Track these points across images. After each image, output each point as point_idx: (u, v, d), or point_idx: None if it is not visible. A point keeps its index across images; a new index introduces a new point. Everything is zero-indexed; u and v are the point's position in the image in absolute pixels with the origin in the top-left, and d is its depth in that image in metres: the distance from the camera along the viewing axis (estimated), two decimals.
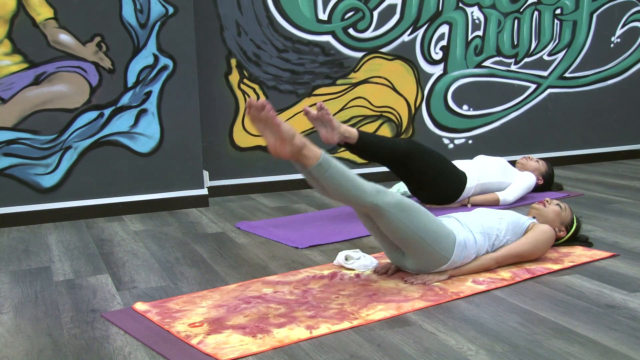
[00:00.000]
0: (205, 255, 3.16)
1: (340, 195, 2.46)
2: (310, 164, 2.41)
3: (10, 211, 3.83)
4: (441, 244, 2.57)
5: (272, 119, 2.39)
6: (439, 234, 2.56)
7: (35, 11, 3.76)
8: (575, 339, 2.09)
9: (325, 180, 2.43)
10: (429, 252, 2.57)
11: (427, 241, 2.54)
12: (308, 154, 2.41)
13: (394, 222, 2.49)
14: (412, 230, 2.51)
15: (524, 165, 4.30)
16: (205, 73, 4.40)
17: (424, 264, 2.62)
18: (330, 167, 2.41)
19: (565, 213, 3.01)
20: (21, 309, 2.50)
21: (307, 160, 2.42)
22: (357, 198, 2.45)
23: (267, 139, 2.43)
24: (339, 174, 2.43)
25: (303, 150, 2.41)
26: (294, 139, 2.40)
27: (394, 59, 4.87)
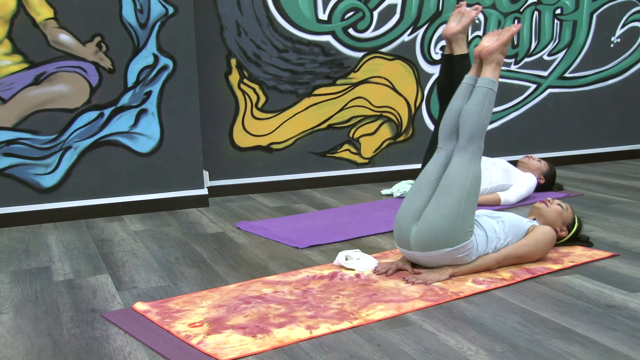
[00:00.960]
0: (205, 255, 3.16)
1: (475, 112, 2.69)
2: (490, 76, 2.75)
3: (10, 211, 3.83)
4: (464, 224, 2.61)
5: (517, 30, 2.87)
6: (470, 216, 2.64)
7: (35, 11, 3.76)
8: (575, 339, 2.09)
9: (481, 93, 2.71)
10: (451, 222, 2.59)
11: (462, 209, 2.60)
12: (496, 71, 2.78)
13: (465, 172, 2.64)
14: (464, 190, 2.62)
15: (526, 164, 4.30)
16: (205, 73, 4.40)
17: (433, 233, 2.60)
18: (495, 93, 2.73)
19: (566, 213, 3.02)
20: (21, 309, 2.50)
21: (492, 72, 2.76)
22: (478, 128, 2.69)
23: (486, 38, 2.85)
24: (491, 102, 2.72)
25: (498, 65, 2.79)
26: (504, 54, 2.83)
27: (394, 59, 4.87)
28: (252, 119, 4.59)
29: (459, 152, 2.71)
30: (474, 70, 2.85)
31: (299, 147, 4.72)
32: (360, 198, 4.39)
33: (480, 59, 2.82)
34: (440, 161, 2.76)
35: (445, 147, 2.77)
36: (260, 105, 4.59)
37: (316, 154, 4.77)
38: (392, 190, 4.41)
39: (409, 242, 2.67)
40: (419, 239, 2.64)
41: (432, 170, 2.75)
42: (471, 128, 2.69)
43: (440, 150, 2.79)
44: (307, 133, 4.72)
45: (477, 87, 2.76)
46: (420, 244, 2.64)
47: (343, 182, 4.82)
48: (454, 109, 2.78)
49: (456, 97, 2.81)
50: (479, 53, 2.81)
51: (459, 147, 2.71)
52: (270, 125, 4.64)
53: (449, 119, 2.78)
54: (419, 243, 2.64)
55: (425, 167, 2.79)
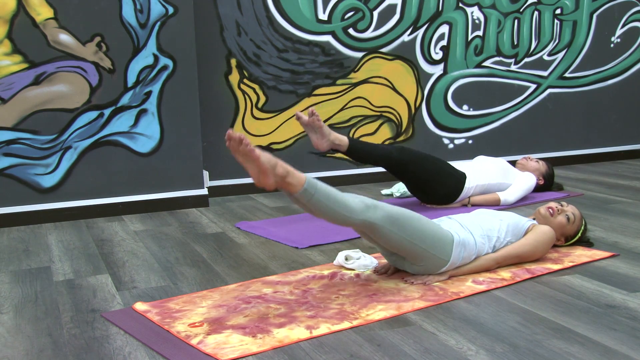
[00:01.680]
0: (205, 255, 3.16)
1: (329, 217, 2.46)
2: (296, 190, 2.38)
3: (10, 211, 3.83)
4: (439, 248, 2.58)
5: (251, 152, 2.36)
6: (435, 238, 2.57)
7: (35, 11, 3.76)
8: (575, 339, 2.09)
9: (312, 205, 2.41)
10: (428, 257, 2.58)
11: (424, 247, 2.55)
12: (292, 181, 2.37)
13: (389, 235, 2.50)
14: (408, 240, 2.52)
15: (524, 165, 4.30)
16: (205, 73, 4.40)
17: (424, 268, 2.62)
18: (317, 191, 2.40)
19: (570, 227, 2.97)
20: (21, 309, 2.50)
21: (292, 187, 2.38)
22: (347, 218, 2.45)
23: (250, 171, 2.41)
24: (325, 198, 2.42)
25: (287, 178, 2.37)
26: (275, 169, 2.36)
27: (394, 59, 4.87)
28: (252, 119, 4.59)
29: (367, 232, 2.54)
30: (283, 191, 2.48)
31: (299, 147, 4.72)
32: None
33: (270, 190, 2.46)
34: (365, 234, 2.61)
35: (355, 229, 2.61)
36: (260, 105, 4.59)
37: (316, 154, 4.77)
38: (392, 190, 4.41)
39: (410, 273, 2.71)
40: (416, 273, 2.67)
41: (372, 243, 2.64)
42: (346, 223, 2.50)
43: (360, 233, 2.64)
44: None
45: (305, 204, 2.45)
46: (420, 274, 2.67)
47: (343, 182, 4.81)
48: None
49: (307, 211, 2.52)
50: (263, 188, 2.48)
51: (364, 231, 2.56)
52: (270, 125, 4.64)
53: None
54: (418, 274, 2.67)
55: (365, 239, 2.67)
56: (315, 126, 3.56)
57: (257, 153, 2.35)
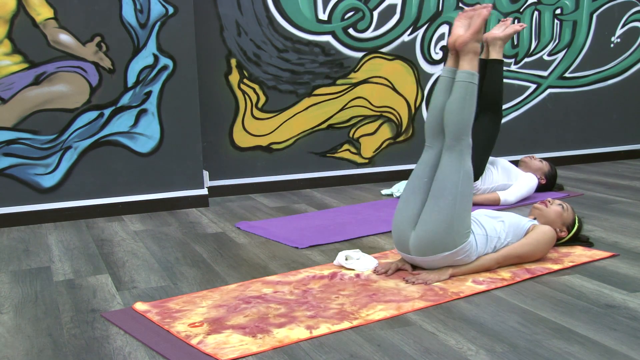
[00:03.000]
0: (205, 255, 3.16)
1: (457, 109, 2.61)
2: (468, 68, 2.63)
3: (10, 211, 3.83)
4: (461, 227, 2.59)
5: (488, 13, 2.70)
6: (466, 218, 2.62)
7: (35, 11, 3.76)
8: (575, 339, 2.09)
9: (461, 88, 2.62)
10: (447, 226, 2.57)
11: (456, 211, 2.58)
12: (474, 61, 2.65)
13: (456, 171, 2.59)
14: (457, 192, 2.58)
15: (528, 164, 4.31)
16: (205, 73, 4.40)
17: (430, 239, 2.59)
18: (476, 85, 2.63)
19: (567, 214, 3.01)
20: (21, 309, 2.50)
21: (469, 64, 2.64)
22: (463, 124, 2.62)
23: (456, 30, 2.71)
24: (472, 95, 2.63)
25: (475, 55, 2.65)
26: (479, 42, 2.68)
27: (394, 59, 4.87)
28: (252, 119, 4.59)
29: (446, 151, 2.65)
30: (450, 62, 2.74)
31: (299, 147, 4.72)
32: (360, 198, 4.39)
33: (455, 50, 2.70)
34: (429, 161, 2.71)
35: (433, 145, 2.72)
36: (260, 105, 4.59)
37: (316, 154, 4.77)
38: (392, 190, 4.41)
39: (409, 248, 2.67)
40: (417, 245, 2.64)
41: (422, 172, 2.70)
42: (456, 126, 2.63)
43: (429, 149, 2.73)
44: (307, 133, 4.72)
45: (457, 82, 2.65)
46: (420, 250, 2.64)
47: (343, 182, 4.82)
48: (437, 107, 2.70)
49: (437, 93, 2.72)
50: (453, 44, 2.68)
51: (447, 147, 2.65)
52: (270, 125, 4.64)
53: (432, 117, 2.71)
54: (418, 249, 2.64)
55: (415, 169, 2.75)
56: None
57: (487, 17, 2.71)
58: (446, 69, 2.73)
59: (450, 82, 2.70)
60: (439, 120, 2.68)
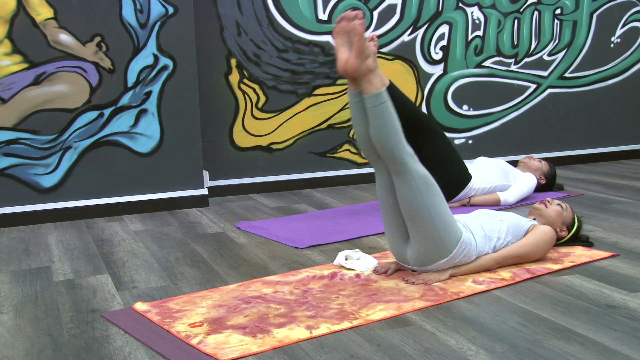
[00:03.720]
0: (205, 255, 3.16)
1: (380, 135, 2.45)
2: (371, 91, 2.43)
3: (10, 211, 3.83)
4: (448, 234, 2.56)
5: (360, 27, 2.41)
6: (449, 223, 2.56)
7: (35, 11, 3.76)
8: (575, 339, 2.09)
9: (374, 113, 2.43)
10: (435, 238, 2.55)
11: (436, 225, 2.52)
12: (374, 80, 2.43)
13: (414, 190, 2.48)
14: (427, 208, 2.49)
15: (527, 164, 4.30)
16: (205, 73, 4.40)
17: (425, 252, 2.59)
18: (387, 102, 2.43)
19: (566, 213, 3.01)
20: (21, 309, 2.50)
21: (369, 85, 2.44)
22: (395, 147, 2.45)
23: (341, 54, 2.45)
24: (389, 114, 2.43)
25: (371, 73, 2.43)
26: (368, 58, 2.42)
27: (394, 59, 4.87)
28: (252, 119, 4.59)
29: (393, 175, 2.53)
30: (352, 86, 2.53)
31: (299, 147, 4.72)
32: (360, 198, 4.39)
33: (350, 77, 2.49)
34: (384, 184, 2.60)
35: (379, 169, 2.61)
36: (260, 105, 4.59)
37: (316, 154, 4.77)
38: None
39: (407, 261, 2.69)
40: (414, 259, 2.65)
41: (384, 195, 2.62)
42: (389, 151, 2.47)
43: (377, 174, 2.62)
44: (307, 133, 4.72)
45: (368, 109, 2.47)
46: (417, 262, 2.66)
47: (343, 182, 4.82)
48: (362, 136, 2.55)
49: (355, 122, 2.55)
50: (345, 72, 2.46)
51: (391, 171, 2.54)
52: (270, 125, 4.64)
53: (363, 146, 2.58)
54: (416, 262, 2.66)
55: (377, 193, 2.65)
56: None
57: (363, 32, 2.42)
58: (351, 94, 2.54)
59: (361, 106, 2.52)
60: (372, 150, 2.56)
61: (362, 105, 2.51)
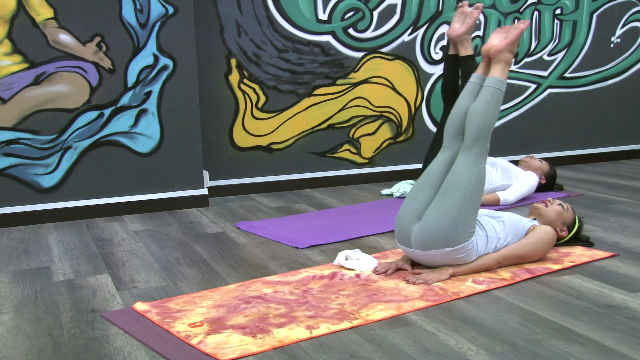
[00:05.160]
0: (205, 255, 3.16)
1: (481, 111, 2.69)
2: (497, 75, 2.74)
3: (10, 211, 3.83)
4: (465, 226, 2.60)
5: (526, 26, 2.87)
6: (472, 217, 2.63)
7: (35, 11, 3.76)
8: (575, 339, 2.09)
9: (488, 93, 2.71)
10: (453, 222, 2.59)
11: (463, 211, 2.60)
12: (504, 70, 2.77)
13: (469, 173, 2.64)
14: (467, 190, 2.62)
15: (528, 163, 4.31)
16: (205, 73, 4.40)
17: (435, 232, 2.60)
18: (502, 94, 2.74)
19: (567, 213, 3.01)
20: (21, 309, 2.50)
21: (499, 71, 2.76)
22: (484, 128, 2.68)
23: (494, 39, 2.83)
24: (497, 101, 2.72)
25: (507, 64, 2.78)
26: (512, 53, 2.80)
27: (394, 59, 4.87)
28: (252, 119, 4.59)
29: (463, 152, 2.70)
30: (481, 69, 2.84)
31: (299, 147, 4.72)
32: (360, 198, 4.39)
33: (488, 57, 2.81)
34: (444, 161, 2.75)
35: (450, 146, 2.77)
36: (260, 105, 4.59)
37: (316, 154, 4.77)
38: (392, 190, 4.41)
39: (410, 240, 2.67)
40: (420, 238, 2.64)
41: (435, 169, 2.74)
42: (477, 128, 2.69)
43: (445, 150, 2.78)
44: (307, 133, 4.72)
45: (485, 87, 2.75)
46: (422, 243, 2.64)
47: (343, 182, 4.82)
48: (461, 109, 2.77)
49: (463, 96, 2.81)
50: (487, 52, 2.79)
51: (464, 147, 2.70)
52: (270, 125, 4.64)
53: (455, 118, 2.77)
54: (420, 241, 2.64)
55: (429, 166, 2.78)
56: (469, 18, 3.70)
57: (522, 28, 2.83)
58: (475, 75, 2.82)
59: (478, 88, 2.79)
60: (460, 122, 2.75)
61: (478, 88, 2.78)
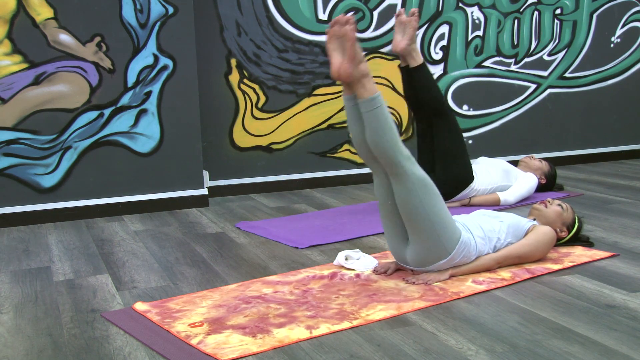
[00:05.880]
0: (205, 255, 3.16)
1: (376, 138, 2.44)
2: (365, 95, 2.42)
3: (10, 211, 3.83)
4: (447, 235, 2.56)
5: (352, 32, 2.44)
6: (448, 224, 2.56)
7: (35, 11, 3.76)
8: (575, 339, 2.09)
9: (370, 118, 2.42)
10: (433, 240, 2.55)
11: (435, 227, 2.52)
12: (367, 85, 2.41)
13: (412, 193, 2.48)
14: (425, 210, 2.49)
15: (527, 164, 4.30)
16: (205, 73, 4.40)
17: (424, 253, 2.59)
18: (382, 106, 2.42)
19: (566, 214, 3.01)
20: (21, 309, 2.50)
21: (363, 90, 2.42)
22: (391, 150, 2.44)
23: (334, 59, 2.46)
24: (384, 118, 2.43)
25: (365, 78, 2.41)
26: (361, 63, 2.39)
27: (394, 59, 4.87)
28: (252, 119, 4.59)
29: (392, 177, 2.52)
30: (346, 90, 2.52)
31: (299, 147, 4.72)
32: (360, 198, 4.39)
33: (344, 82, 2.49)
34: (382, 184, 2.59)
35: (376, 171, 2.61)
36: (260, 105, 4.59)
37: (316, 154, 4.77)
38: None
39: (407, 261, 2.69)
40: (413, 260, 2.65)
41: (383, 196, 2.61)
42: (386, 154, 2.47)
43: (375, 175, 2.63)
44: (307, 133, 4.72)
45: (363, 114, 2.46)
46: (417, 264, 2.66)
47: (343, 182, 4.82)
48: (358, 140, 2.55)
49: (351, 126, 2.56)
50: (339, 77, 2.46)
51: (388, 173, 2.54)
52: (270, 125, 4.64)
53: (360, 150, 2.58)
54: (416, 262, 2.65)
55: (377, 196, 2.65)
56: (408, 27, 3.63)
57: (355, 37, 2.43)
58: (346, 98, 2.53)
59: (356, 109, 2.51)
60: (366, 151, 2.56)
61: (357, 109, 2.50)
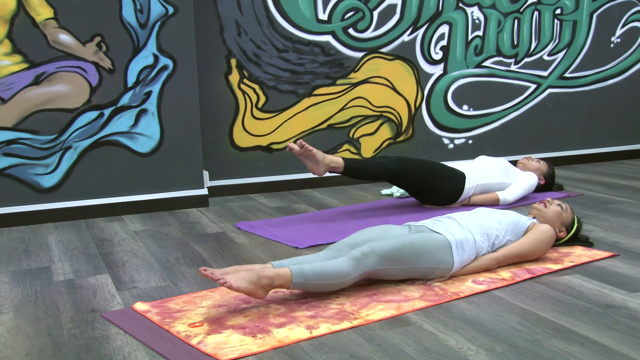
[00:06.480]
0: (205, 255, 3.16)
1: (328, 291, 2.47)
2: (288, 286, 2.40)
3: (10, 211, 3.83)
4: (440, 259, 2.60)
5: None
6: (433, 252, 2.58)
7: (35, 11, 3.76)
8: (575, 339, 2.09)
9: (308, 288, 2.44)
10: (434, 270, 2.60)
11: (426, 267, 2.58)
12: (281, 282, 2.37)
13: (390, 272, 2.56)
14: (409, 268, 2.57)
15: (525, 165, 4.30)
16: (205, 73, 4.40)
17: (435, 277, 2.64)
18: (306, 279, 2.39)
19: (566, 214, 3.01)
20: (21, 309, 2.50)
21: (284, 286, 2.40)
22: (344, 282, 2.45)
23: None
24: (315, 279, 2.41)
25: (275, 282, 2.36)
26: (260, 280, 2.33)
27: (394, 59, 4.87)
28: (252, 119, 4.59)
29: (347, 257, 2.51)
30: None
31: None
32: (360, 198, 4.39)
33: None
34: None
35: None
36: (260, 105, 4.59)
37: None
38: (392, 190, 4.41)
39: None
40: None
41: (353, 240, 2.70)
42: None
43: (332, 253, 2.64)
44: (307, 133, 4.72)
45: None
46: None
47: (343, 182, 4.81)
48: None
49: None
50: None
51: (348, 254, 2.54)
52: (270, 125, 4.64)
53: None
54: None
55: None
56: (308, 154, 3.62)
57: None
58: None
59: None
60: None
61: None
